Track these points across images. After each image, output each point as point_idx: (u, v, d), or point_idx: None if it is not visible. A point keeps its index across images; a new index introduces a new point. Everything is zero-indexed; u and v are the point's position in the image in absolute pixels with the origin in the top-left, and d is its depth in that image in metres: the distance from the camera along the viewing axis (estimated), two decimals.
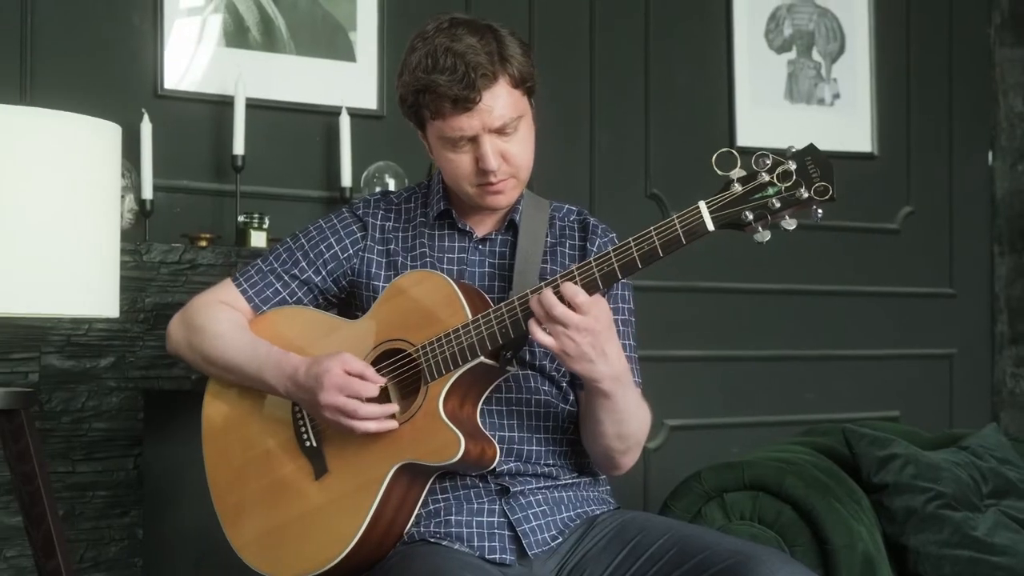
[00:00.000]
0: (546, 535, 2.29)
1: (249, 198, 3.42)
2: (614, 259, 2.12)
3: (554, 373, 2.39)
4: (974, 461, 3.01)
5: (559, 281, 2.14)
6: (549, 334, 2.12)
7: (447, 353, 2.21)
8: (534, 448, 2.35)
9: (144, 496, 3.09)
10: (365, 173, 3.54)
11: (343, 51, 3.64)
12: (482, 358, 2.21)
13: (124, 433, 3.02)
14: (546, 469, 2.36)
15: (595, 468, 2.43)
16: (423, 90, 2.24)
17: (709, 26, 4.30)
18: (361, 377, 2.23)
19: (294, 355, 2.32)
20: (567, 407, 2.40)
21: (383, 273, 2.41)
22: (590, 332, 2.12)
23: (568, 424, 2.40)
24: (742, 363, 4.32)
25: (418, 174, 3.60)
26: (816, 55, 4.42)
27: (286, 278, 2.45)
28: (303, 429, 2.35)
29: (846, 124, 4.47)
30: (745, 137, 4.27)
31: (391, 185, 3.51)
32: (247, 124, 3.35)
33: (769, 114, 4.33)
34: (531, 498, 2.32)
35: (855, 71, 4.49)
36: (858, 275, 4.51)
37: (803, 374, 4.42)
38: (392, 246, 2.43)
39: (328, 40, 3.62)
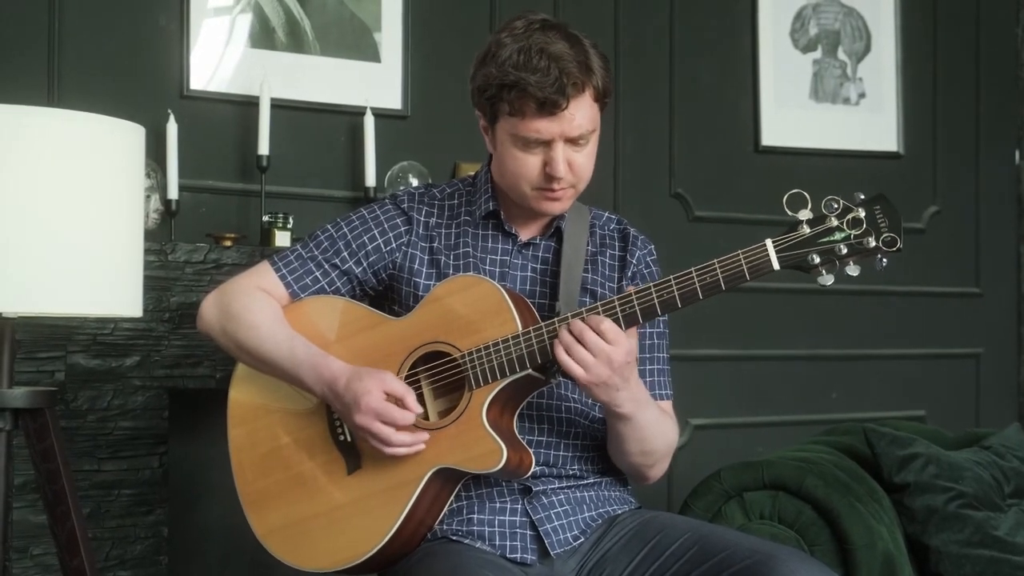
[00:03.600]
0: (568, 535, 2.29)
1: (274, 198, 3.44)
2: (675, 287, 2.13)
3: None
4: (996, 461, 3.00)
5: (616, 304, 2.15)
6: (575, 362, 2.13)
7: (495, 362, 2.20)
8: (561, 453, 2.35)
9: (169, 494, 3.10)
10: (389, 173, 3.55)
11: (368, 52, 3.65)
12: (530, 370, 2.21)
13: (149, 432, 3.03)
14: (571, 471, 2.36)
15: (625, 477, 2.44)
16: (510, 85, 2.21)
17: (734, 25, 4.29)
18: (400, 401, 2.21)
19: (334, 361, 2.29)
20: (596, 413, 2.40)
21: (425, 270, 2.39)
22: (618, 363, 2.13)
23: (596, 429, 2.40)
24: (767, 362, 4.31)
25: (442, 174, 3.62)
26: (842, 54, 4.40)
27: (326, 267, 2.41)
28: (338, 423, 2.32)
29: (872, 123, 4.45)
30: (770, 137, 4.27)
31: (415, 185, 3.50)
32: (272, 124, 3.37)
33: (794, 114, 4.32)
34: (553, 498, 2.32)
35: (881, 70, 4.47)
36: (883, 274, 4.48)
37: (828, 373, 4.41)
38: (436, 243, 2.41)
39: (353, 41, 3.63)
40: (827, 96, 4.37)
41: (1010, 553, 2.76)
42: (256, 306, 2.38)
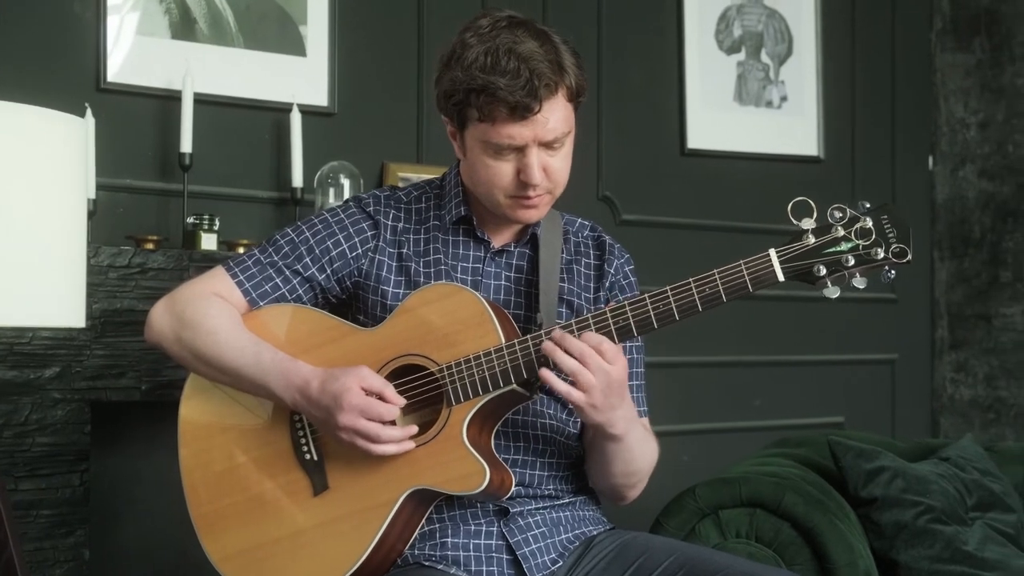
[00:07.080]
0: (546, 558, 2.19)
1: (195, 198, 3.26)
2: (672, 299, 2.04)
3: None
4: (957, 473, 2.95)
5: (608, 316, 2.05)
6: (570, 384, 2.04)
7: (476, 377, 2.08)
8: (537, 472, 2.24)
9: (90, 514, 2.93)
10: (319, 173, 3.39)
11: (293, 45, 3.48)
12: (515, 385, 2.09)
13: (70, 448, 2.85)
14: (548, 491, 2.25)
15: (599, 497, 2.35)
16: (479, 90, 2.08)
17: (661, 26, 4.23)
18: (380, 396, 2.08)
19: (303, 364, 2.15)
20: (571, 429, 2.30)
21: (394, 278, 2.26)
22: (618, 383, 2.05)
23: (571, 447, 2.30)
24: (688, 369, 4.24)
25: (370, 175, 3.48)
26: (765, 57, 4.36)
27: (287, 273, 2.26)
28: (303, 440, 2.19)
29: (793, 127, 4.43)
30: (696, 140, 4.23)
31: (347, 186, 3.35)
32: (193, 120, 3.18)
33: (719, 116, 4.27)
34: (530, 519, 2.21)
35: (802, 73, 4.45)
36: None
37: (748, 380, 4.37)
38: (404, 249, 2.28)
39: (277, 33, 3.46)
40: (751, 99, 4.33)
41: (980, 568, 2.71)
42: (214, 311, 2.22)
